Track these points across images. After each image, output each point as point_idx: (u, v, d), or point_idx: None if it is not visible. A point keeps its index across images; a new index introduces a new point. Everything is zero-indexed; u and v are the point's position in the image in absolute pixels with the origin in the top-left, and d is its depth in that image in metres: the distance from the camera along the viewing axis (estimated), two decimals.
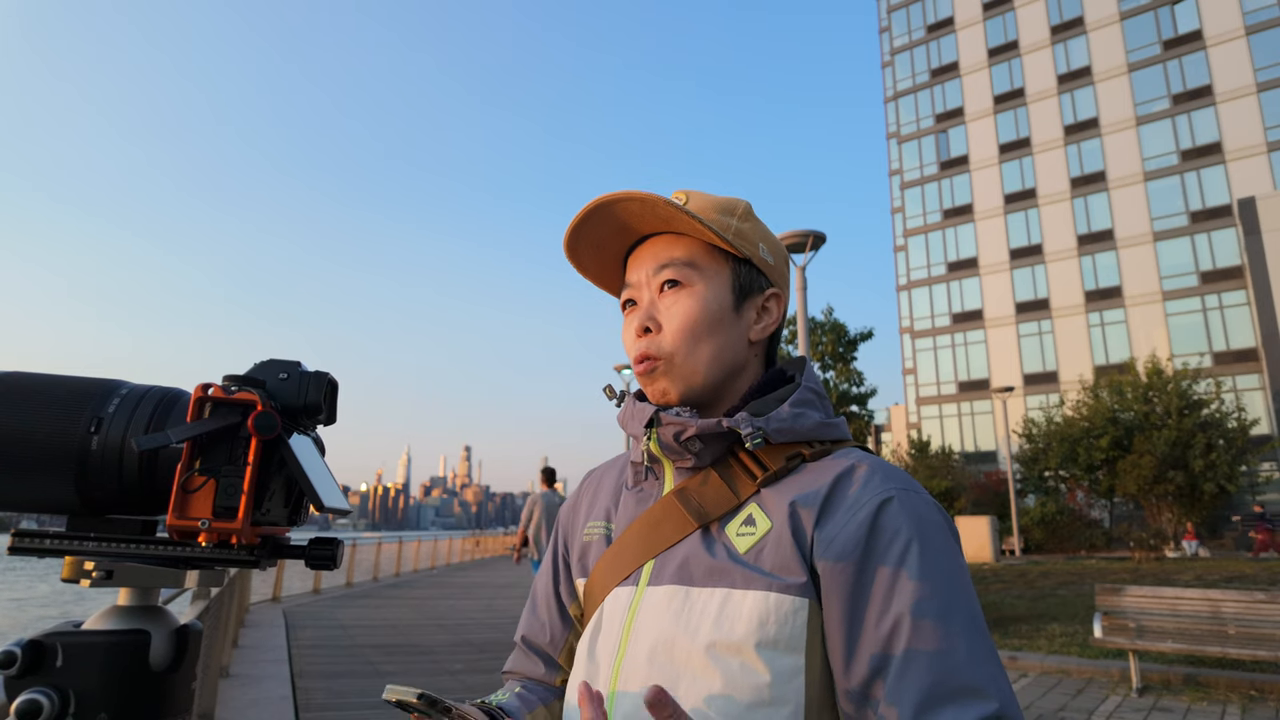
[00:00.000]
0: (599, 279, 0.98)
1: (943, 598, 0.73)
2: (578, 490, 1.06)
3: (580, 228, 0.90)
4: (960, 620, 0.73)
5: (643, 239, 0.92)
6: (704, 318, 0.86)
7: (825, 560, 0.76)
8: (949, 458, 33.78)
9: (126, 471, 0.61)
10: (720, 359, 0.88)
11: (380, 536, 27.46)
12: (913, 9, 45.46)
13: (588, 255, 0.94)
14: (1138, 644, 6.21)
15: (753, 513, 0.82)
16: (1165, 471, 25.73)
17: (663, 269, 0.88)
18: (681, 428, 0.84)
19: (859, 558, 0.75)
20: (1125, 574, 15.74)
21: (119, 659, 0.57)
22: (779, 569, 0.78)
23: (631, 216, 0.88)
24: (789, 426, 0.84)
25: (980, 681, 0.70)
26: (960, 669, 0.70)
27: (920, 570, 0.74)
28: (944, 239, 41.45)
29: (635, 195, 0.85)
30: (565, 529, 1.03)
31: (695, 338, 0.86)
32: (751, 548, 0.80)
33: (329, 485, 0.64)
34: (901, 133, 45.01)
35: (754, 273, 0.91)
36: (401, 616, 11.57)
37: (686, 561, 0.82)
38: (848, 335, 24.07)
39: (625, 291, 0.92)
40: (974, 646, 0.72)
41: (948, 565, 0.75)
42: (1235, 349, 32.26)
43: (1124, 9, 37.63)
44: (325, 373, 0.66)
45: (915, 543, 0.75)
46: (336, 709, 5.77)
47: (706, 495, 0.84)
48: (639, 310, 0.89)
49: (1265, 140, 32.87)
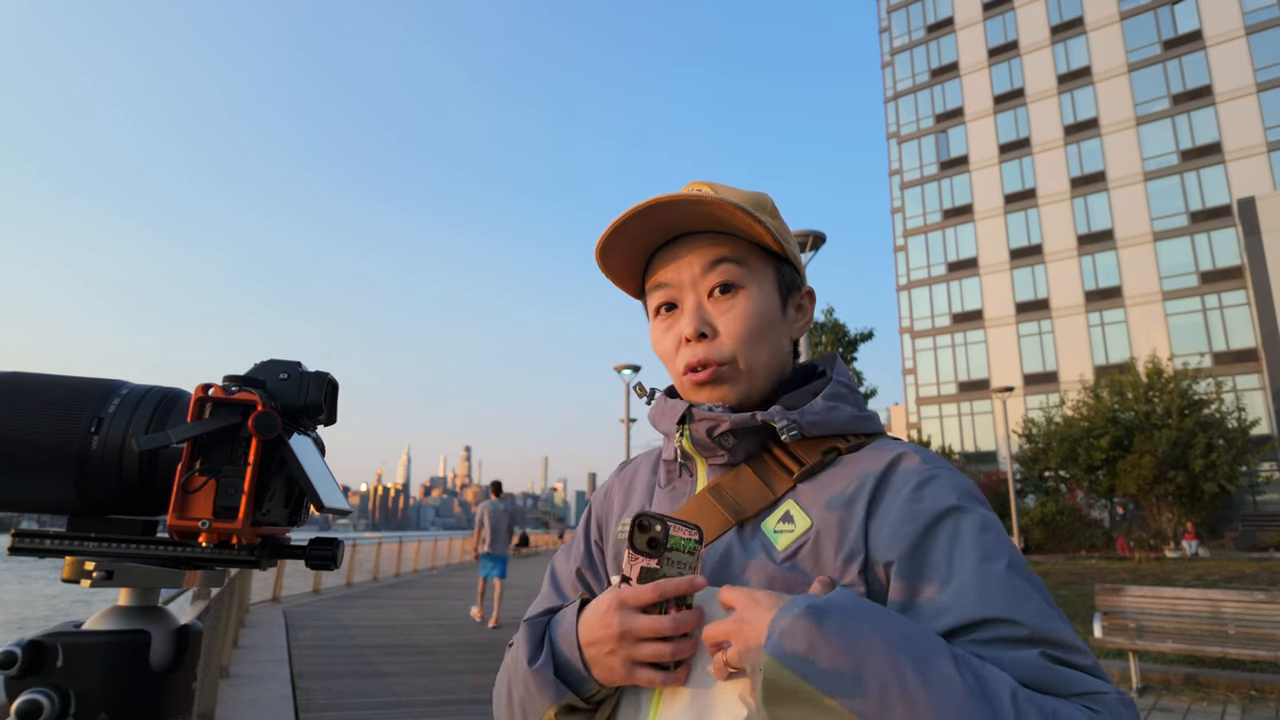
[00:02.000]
0: (620, 279, 0.93)
1: (1005, 560, 0.72)
2: (611, 479, 1.03)
3: (623, 226, 0.85)
4: (1024, 586, 0.71)
5: (674, 237, 0.89)
6: (762, 321, 0.85)
7: (879, 546, 0.75)
8: (949, 458, 33.80)
9: (127, 472, 0.61)
10: (774, 362, 0.87)
11: (380, 537, 27.45)
12: (913, 9, 45.47)
13: (619, 255, 0.90)
14: (1138, 644, 6.21)
15: (790, 509, 0.80)
16: (1165, 471, 25.74)
17: (713, 270, 0.85)
18: (715, 422, 0.82)
19: (912, 532, 0.74)
20: (1125, 574, 15.75)
21: (119, 659, 0.57)
22: (819, 568, 0.76)
23: (676, 216, 0.85)
24: (823, 419, 0.82)
25: (1059, 633, 0.68)
26: (1040, 623, 0.68)
27: (976, 536, 0.73)
28: (944, 239, 41.45)
29: (702, 196, 0.81)
30: (599, 514, 1.00)
31: (757, 342, 0.85)
32: (790, 545, 0.78)
33: (329, 485, 0.64)
34: (901, 133, 45.01)
35: (792, 271, 0.90)
36: (401, 616, 11.56)
37: (724, 560, 0.80)
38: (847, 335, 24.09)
39: (661, 293, 0.88)
40: (1042, 605, 0.70)
41: (999, 533, 0.75)
42: (1235, 349, 32.25)
43: (1124, 9, 37.64)
44: (325, 373, 0.66)
45: (967, 513, 0.74)
46: (336, 709, 5.77)
47: (742, 491, 0.83)
48: (686, 314, 0.86)
49: (1265, 140, 32.88)
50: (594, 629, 0.75)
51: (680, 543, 0.71)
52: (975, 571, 0.70)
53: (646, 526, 0.71)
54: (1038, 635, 0.67)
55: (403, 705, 5.91)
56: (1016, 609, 0.68)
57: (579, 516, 1.22)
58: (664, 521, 0.71)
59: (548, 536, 55.02)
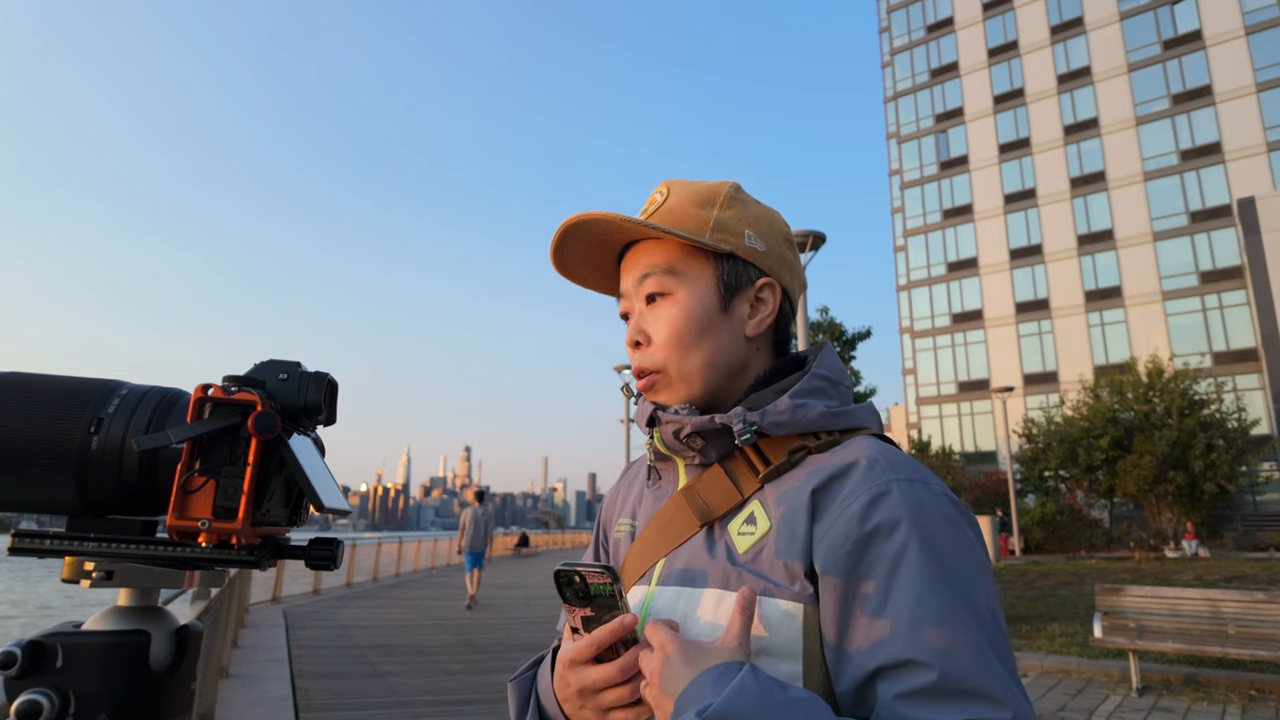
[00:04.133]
0: (596, 286, 0.96)
1: (946, 595, 0.68)
2: (617, 482, 1.05)
3: (560, 248, 0.89)
4: (966, 620, 0.67)
5: (630, 243, 0.91)
6: (689, 325, 0.84)
7: (818, 559, 0.73)
8: (949, 458, 33.79)
9: (126, 472, 0.61)
10: (714, 363, 0.85)
11: (380, 537, 27.45)
12: (913, 9, 45.45)
13: (577, 269, 0.93)
14: (1138, 644, 6.21)
15: (754, 511, 0.80)
16: (1165, 471, 25.73)
17: (644, 280, 0.86)
18: (679, 425, 0.83)
19: (851, 554, 0.71)
20: (1125, 574, 15.75)
21: (119, 659, 0.57)
22: (775, 572, 0.75)
23: (607, 230, 0.87)
24: (788, 419, 0.80)
25: (987, 684, 0.65)
26: (965, 671, 0.65)
27: (920, 566, 0.69)
28: (944, 239, 41.44)
29: (598, 216, 0.84)
30: (605, 520, 1.03)
31: (684, 347, 0.84)
32: (751, 548, 0.77)
33: (329, 486, 0.64)
34: (901, 133, 44.99)
35: (739, 266, 0.86)
36: (401, 616, 11.56)
37: (690, 562, 0.81)
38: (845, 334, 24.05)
39: (621, 303, 0.91)
40: (981, 648, 0.66)
41: (953, 559, 0.70)
42: (1235, 349, 32.24)
43: (1124, 9, 37.63)
44: (325, 373, 0.66)
45: (915, 536, 0.70)
46: (336, 709, 5.76)
47: (711, 493, 0.83)
48: (630, 323, 0.89)
49: (1265, 140, 32.87)
50: (560, 689, 0.77)
51: (600, 588, 0.72)
52: (911, 609, 0.68)
53: (568, 580, 0.73)
54: (962, 688, 0.65)
55: (403, 705, 5.91)
56: (945, 656, 0.66)
57: (579, 516, 1.23)
58: (579, 573, 0.72)
59: (548, 536, 55.06)
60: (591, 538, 1.05)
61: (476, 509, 12.35)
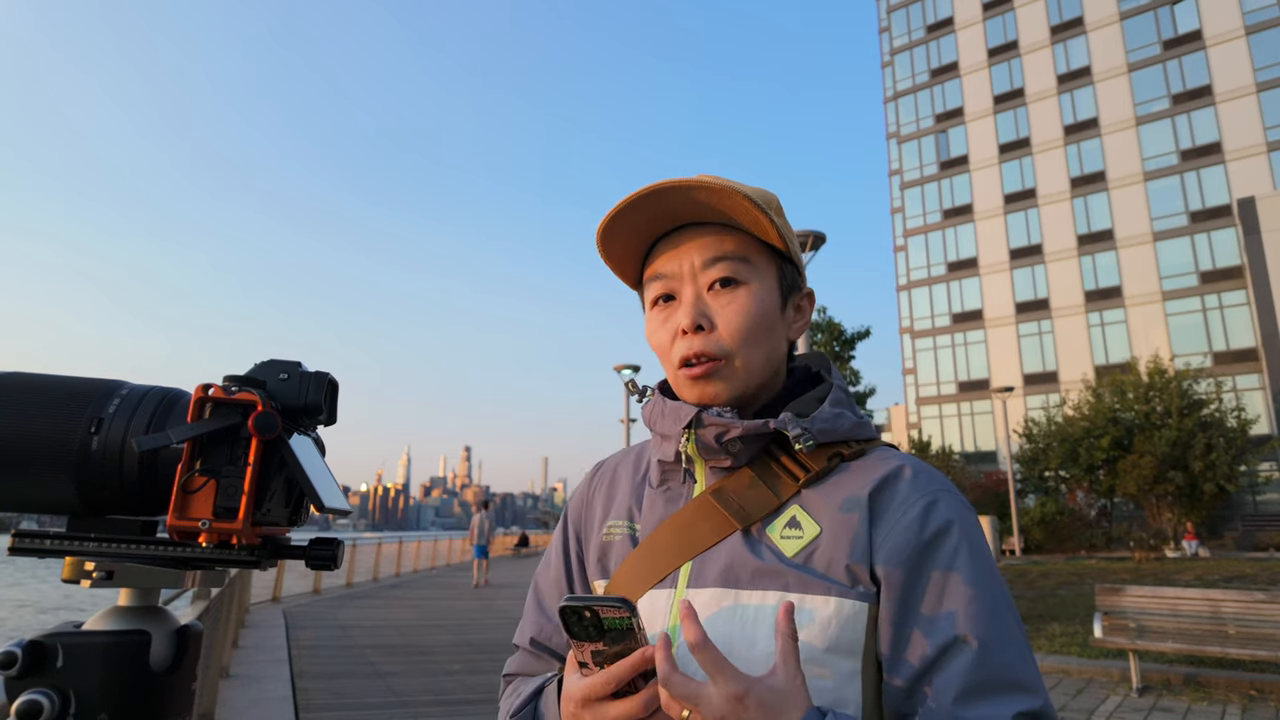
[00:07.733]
0: (620, 266, 0.91)
1: (990, 598, 0.75)
2: (588, 484, 1.00)
3: (625, 211, 0.83)
4: (1007, 620, 0.75)
5: (676, 228, 0.87)
6: (761, 319, 0.84)
7: (881, 560, 0.77)
8: (949, 458, 33.75)
9: (127, 472, 0.61)
10: (770, 362, 0.86)
11: (380, 537, 27.45)
12: (913, 9, 45.45)
13: (620, 241, 0.87)
14: (1138, 644, 6.21)
15: (796, 515, 0.80)
16: (1165, 471, 25.74)
17: (715, 264, 0.84)
18: (724, 429, 0.81)
19: (913, 557, 0.76)
20: (1125, 574, 15.75)
21: (119, 659, 0.57)
22: (835, 573, 0.76)
23: (681, 204, 0.83)
24: (831, 427, 0.82)
25: (1027, 679, 0.73)
26: (1010, 666, 0.73)
27: (970, 570, 0.76)
28: (944, 239, 41.44)
29: (707, 183, 0.80)
30: (577, 525, 0.98)
31: (754, 339, 0.83)
32: (801, 551, 0.78)
33: (329, 486, 0.64)
34: (901, 133, 44.99)
35: (794, 271, 0.89)
36: (401, 616, 11.57)
37: (731, 564, 0.79)
38: (844, 334, 24.04)
39: (659, 284, 0.86)
40: (1021, 646, 0.75)
41: (991, 566, 0.78)
42: (1235, 349, 32.24)
43: (1124, 9, 37.63)
44: (325, 373, 0.66)
45: (964, 543, 0.77)
46: (336, 709, 5.77)
47: (747, 496, 0.82)
48: (684, 306, 0.84)
49: (1265, 140, 32.86)
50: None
51: (615, 622, 0.68)
52: (965, 606, 0.75)
53: (577, 615, 0.69)
54: (1006, 681, 0.72)
55: (403, 705, 5.92)
56: (994, 649, 0.73)
57: None
58: (590, 607, 0.68)
59: (547, 536, 55.11)
60: (555, 543, 0.99)
61: (484, 514, 17.82)
